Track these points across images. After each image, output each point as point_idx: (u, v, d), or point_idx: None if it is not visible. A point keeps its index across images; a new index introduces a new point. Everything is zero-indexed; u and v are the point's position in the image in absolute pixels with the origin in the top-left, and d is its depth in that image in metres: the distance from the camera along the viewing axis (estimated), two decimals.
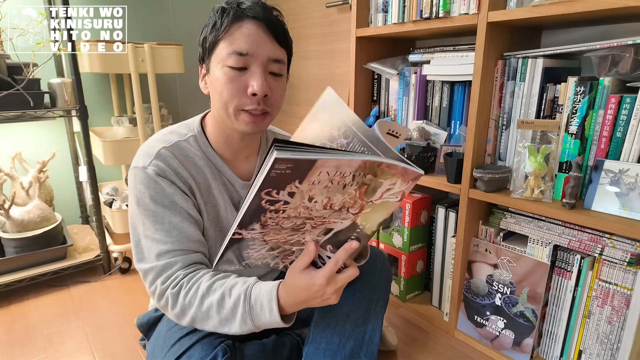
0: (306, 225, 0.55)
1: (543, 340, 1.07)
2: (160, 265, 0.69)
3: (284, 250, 0.61)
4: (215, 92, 0.71)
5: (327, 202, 0.50)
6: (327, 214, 0.53)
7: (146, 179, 0.71)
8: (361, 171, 0.47)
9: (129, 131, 1.68)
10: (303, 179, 0.45)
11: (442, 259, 1.29)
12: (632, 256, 0.87)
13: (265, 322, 0.64)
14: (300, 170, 0.44)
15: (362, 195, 0.51)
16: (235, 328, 0.66)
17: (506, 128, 1.07)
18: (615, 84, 0.90)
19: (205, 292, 0.66)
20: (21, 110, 1.34)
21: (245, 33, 0.67)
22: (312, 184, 0.46)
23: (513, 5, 0.97)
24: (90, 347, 1.16)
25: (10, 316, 1.31)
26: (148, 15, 1.88)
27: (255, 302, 0.64)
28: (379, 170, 0.48)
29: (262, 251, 0.61)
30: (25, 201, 1.50)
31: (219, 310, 0.65)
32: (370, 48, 1.38)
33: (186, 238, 0.71)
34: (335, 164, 0.44)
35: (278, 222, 0.52)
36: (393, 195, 0.53)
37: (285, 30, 0.72)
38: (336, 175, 0.46)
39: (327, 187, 0.48)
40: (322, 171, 0.45)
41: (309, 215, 0.52)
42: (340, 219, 0.55)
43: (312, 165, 0.44)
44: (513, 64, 1.02)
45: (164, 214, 0.71)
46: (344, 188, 0.49)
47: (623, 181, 0.87)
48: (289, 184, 0.45)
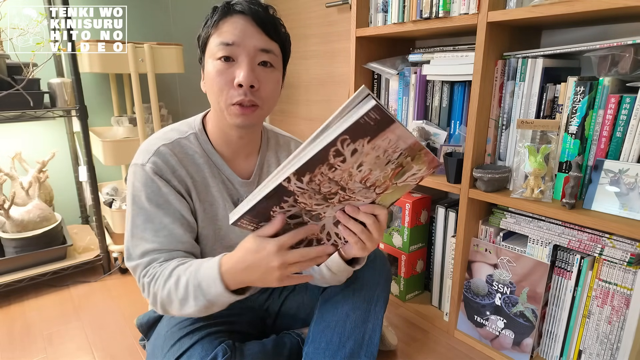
0: (336, 197, 0.56)
1: (543, 340, 1.07)
2: (144, 262, 0.70)
3: (301, 222, 0.60)
4: (209, 87, 0.72)
5: (366, 175, 0.53)
6: (358, 189, 0.55)
7: (143, 177, 0.72)
8: (407, 152, 0.51)
9: (129, 131, 1.68)
10: (374, 137, 0.47)
11: (442, 259, 1.29)
12: (632, 256, 0.87)
13: (215, 295, 0.63)
14: (378, 127, 0.46)
15: (394, 176, 0.54)
16: (191, 307, 0.65)
17: (506, 128, 1.07)
18: (615, 84, 0.90)
19: (168, 276, 0.67)
20: (21, 110, 1.34)
21: (232, 26, 0.68)
22: (374, 148, 0.49)
23: (513, 5, 0.97)
24: (90, 347, 1.16)
25: (10, 316, 1.31)
26: (148, 15, 1.88)
27: (203, 276, 0.63)
28: (417, 155, 0.52)
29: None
30: (25, 201, 1.50)
31: (176, 291, 0.65)
32: (370, 48, 1.38)
33: (174, 239, 0.72)
34: (400, 133, 0.48)
35: (321, 182, 0.53)
36: (414, 179, 0.57)
37: (275, 23, 0.71)
38: (391, 146, 0.49)
39: (378, 157, 0.50)
40: (389, 137, 0.48)
41: (346, 185, 0.54)
42: (364, 197, 0.57)
43: (388, 126, 0.46)
44: (513, 64, 1.02)
45: (156, 213, 0.71)
46: (386, 165, 0.52)
47: (623, 181, 0.87)
48: (362, 138, 0.47)
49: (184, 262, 0.69)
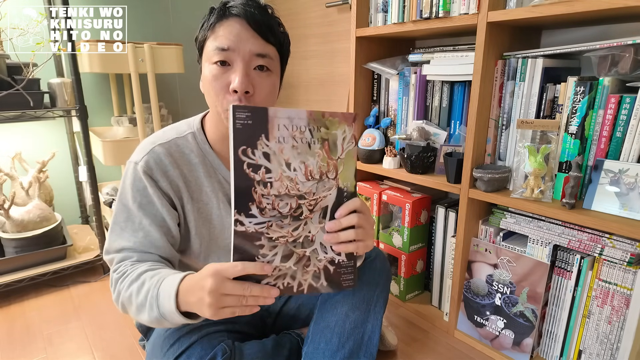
0: (303, 209, 0.57)
1: (543, 340, 1.07)
2: (118, 257, 0.72)
3: (299, 258, 0.58)
4: (206, 90, 0.72)
5: (305, 169, 0.55)
6: (314, 187, 0.57)
7: (133, 175, 0.73)
8: (314, 124, 0.55)
9: (129, 131, 1.68)
10: (267, 132, 0.51)
11: (442, 259, 1.29)
12: (631, 256, 0.87)
13: (167, 311, 0.61)
14: (259, 121, 0.51)
15: (329, 153, 0.57)
16: (145, 316, 0.64)
17: (506, 128, 1.07)
18: (615, 84, 0.89)
19: (134, 279, 0.66)
20: (21, 110, 1.34)
21: (227, 30, 0.68)
22: (279, 141, 0.53)
23: (513, 5, 0.97)
24: (90, 347, 1.16)
25: (10, 316, 1.30)
26: (148, 15, 1.88)
27: (163, 288, 0.62)
28: (328, 121, 0.56)
29: (276, 260, 0.57)
30: (25, 201, 1.50)
31: (137, 296, 0.65)
32: (370, 48, 1.38)
33: (149, 242, 0.72)
34: (286, 114, 0.52)
35: (273, 204, 0.54)
36: (350, 143, 0.58)
37: (271, 25, 0.70)
38: (294, 130, 0.53)
39: (295, 147, 0.54)
40: (279, 124, 0.52)
41: (298, 191, 0.56)
42: (327, 190, 0.58)
43: (267, 115, 0.51)
44: (513, 64, 1.02)
45: (137, 213, 0.73)
46: (310, 148, 0.55)
47: (623, 181, 0.87)
48: (257, 139, 0.51)
49: (155, 267, 0.69)
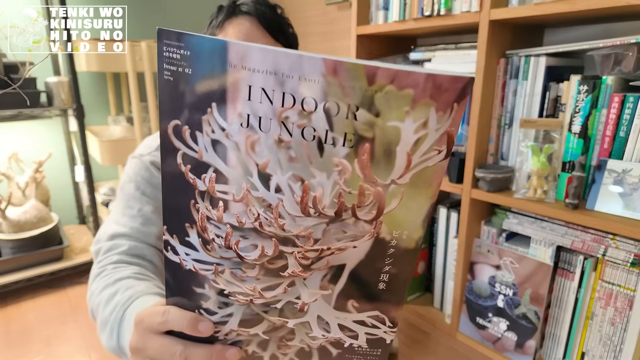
0: (288, 262, 0.29)
1: (545, 342, 1.06)
2: (106, 247, 0.61)
3: (272, 326, 0.33)
4: None
5: (304, 192, 0.26)
6: (317, 229, 0.28)
7: (138, 165, 0.68)
8: (338, 95, 0.24)
9: (126, 130, 1.66)
10: (223, 98, 0.25)
11: (443, 260, 1.28)
12: (635, 257, 0.86)
13: (126, 344, 0.47)
14: (208, 70, 0.25)
15: (368, 169, 0.25)
16: (104, 339, 0.52)
17: (509, 127, 1.06)
18: (618, 83, 0.89)
19: (110, 284, 0.54)
20: (17, 110, 1.33)
21: (237, 29, 0.66)
22: (248, 124, 0.26)
23: (515, 3, 0.96)
24: (87, 348, 1.15)
25: (7, 318, 1.29)
26: (145, 14, 1.86)
27: (131, 311, 0.48)
28: (380, 94, 0.23)
29: (231, 322, 0.33)
30: (21, 201, 1.49)
31: (104, 308, 0.52)
32: (371, 46, 1.37)
33: (147, 231, 0.63)
34: (271, 62, 0.24)
35: (227, 241, 0.29)
36: (432, 149, 0.25)
37: (282, 25, 0.69)
38: (288, 105, 0.24)
39: (284, 143, 0.26)
40: (251, 83, 0.24)
41: (282, 231, 0.28)
42: (349, 239, 0.28)
43: (226, 56, 0.24)
44: (515, 63, 1.01)
45: (140, 199, 0.65)
46: (322, 153, 0.26)
47: (626, 181, 0.86)
48: (202, 109, 0.26)
49: (140, 277, 0.57)
